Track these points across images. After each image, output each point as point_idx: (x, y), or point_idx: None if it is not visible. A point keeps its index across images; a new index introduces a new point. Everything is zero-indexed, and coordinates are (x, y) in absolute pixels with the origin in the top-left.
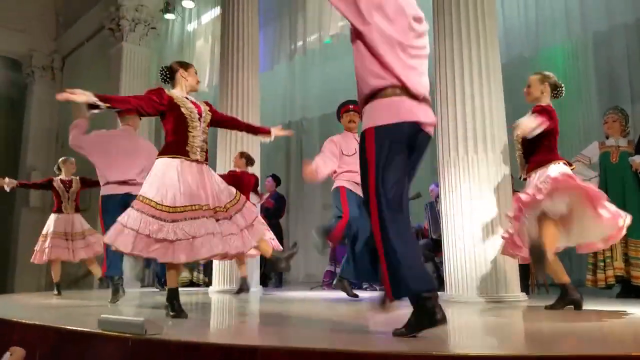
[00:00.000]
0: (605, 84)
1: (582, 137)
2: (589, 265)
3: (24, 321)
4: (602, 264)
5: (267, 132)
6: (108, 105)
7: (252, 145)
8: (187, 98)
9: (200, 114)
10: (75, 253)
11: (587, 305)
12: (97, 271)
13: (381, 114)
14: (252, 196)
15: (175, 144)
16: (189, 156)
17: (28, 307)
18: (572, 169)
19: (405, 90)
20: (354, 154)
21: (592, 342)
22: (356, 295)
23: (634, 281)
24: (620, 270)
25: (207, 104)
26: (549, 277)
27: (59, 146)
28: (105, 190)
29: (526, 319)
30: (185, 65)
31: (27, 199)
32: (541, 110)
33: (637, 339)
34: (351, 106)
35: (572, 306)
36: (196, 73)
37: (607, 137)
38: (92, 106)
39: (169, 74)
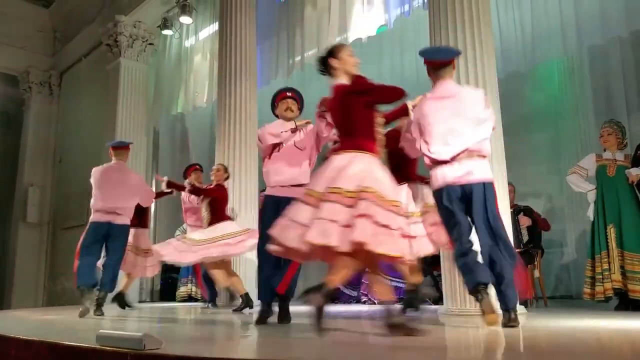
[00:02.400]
0: (601, 98)
1: (579, 150)
2: (587, 278)
3: (21, 337)
4: (600, 276)
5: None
6: None
7: (250, 155)
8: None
9: None
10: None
11: (585, 319)
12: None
13: None
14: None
15: None
16: None
17: (26, 322)
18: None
19: None
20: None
21: (590, 355)
22: None
23: (631, 294)
24: (618, 283)
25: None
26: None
27: (56, 161)
28: (93, 218)
29: (524, 332)
30: None
31: (24, 214)
32: None
33: (635, 352)
34: (289, 93)
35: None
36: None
37: (604, 151)
38: None
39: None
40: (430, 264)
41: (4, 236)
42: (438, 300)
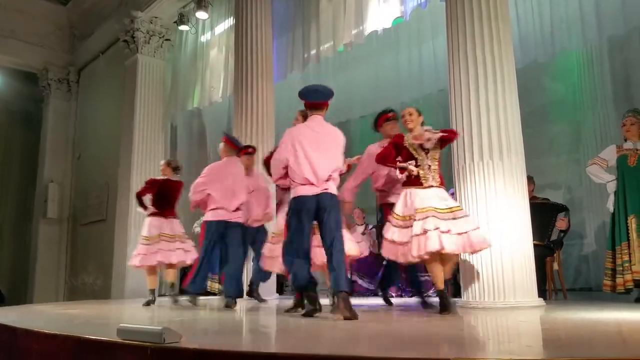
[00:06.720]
0: (621, 88)
1: (598, 141)
2: (607, 270)
3: (44, 331)
4: (621, 268)
5: None
6: None
7: (267, 149)
8: None
9: None
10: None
11: (606, 311)
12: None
13: None
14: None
15: None
16: None
17: (48, 316)
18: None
19: None
20: None
21: (611, 346)
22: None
23: None
24: (639, 275)
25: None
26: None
27: (75, 158)
28: (211, 216)
29: (543, 324)
30: None
31: (45, 210)
32: None
33: None
34: (390, 114)
35: None
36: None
37: (625, 140)
38: None
39: None
40: None
41: (26, 232)
42: (456, 293)
